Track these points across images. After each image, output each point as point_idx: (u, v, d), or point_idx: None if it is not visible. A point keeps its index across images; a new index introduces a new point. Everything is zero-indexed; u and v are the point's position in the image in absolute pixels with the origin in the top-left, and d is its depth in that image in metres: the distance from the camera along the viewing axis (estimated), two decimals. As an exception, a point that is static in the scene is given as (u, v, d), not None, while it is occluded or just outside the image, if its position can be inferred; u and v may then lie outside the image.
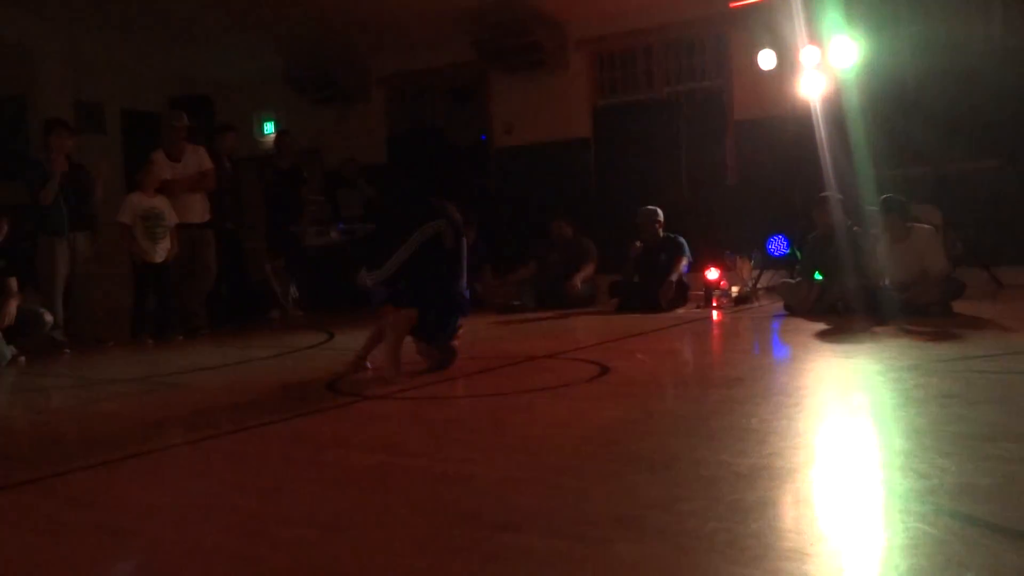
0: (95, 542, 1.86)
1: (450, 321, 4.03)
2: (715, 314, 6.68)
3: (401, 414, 3.31)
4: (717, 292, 7.18)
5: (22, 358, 5.50)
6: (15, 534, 1.95)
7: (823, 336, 4.95)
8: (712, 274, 7.24)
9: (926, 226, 5.97)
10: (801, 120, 7.65)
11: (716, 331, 5.84)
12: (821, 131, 7.36)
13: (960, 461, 2.08)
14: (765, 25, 7.90)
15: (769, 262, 7.82)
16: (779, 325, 5.69)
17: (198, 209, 7.05)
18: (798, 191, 7.60)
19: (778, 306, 6.52)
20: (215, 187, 7.20)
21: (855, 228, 6.15)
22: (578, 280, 7.83)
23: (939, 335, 4.62)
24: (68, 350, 6.01)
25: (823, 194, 6.44)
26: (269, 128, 11.54)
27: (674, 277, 7.07)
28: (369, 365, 4.15)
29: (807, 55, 7.54)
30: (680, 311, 6.92)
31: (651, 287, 7.06)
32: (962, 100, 7.38)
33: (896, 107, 7.49)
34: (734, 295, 7.24)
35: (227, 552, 1.74)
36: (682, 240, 7.31)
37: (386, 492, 2.14)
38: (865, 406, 2.96)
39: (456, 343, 4.09)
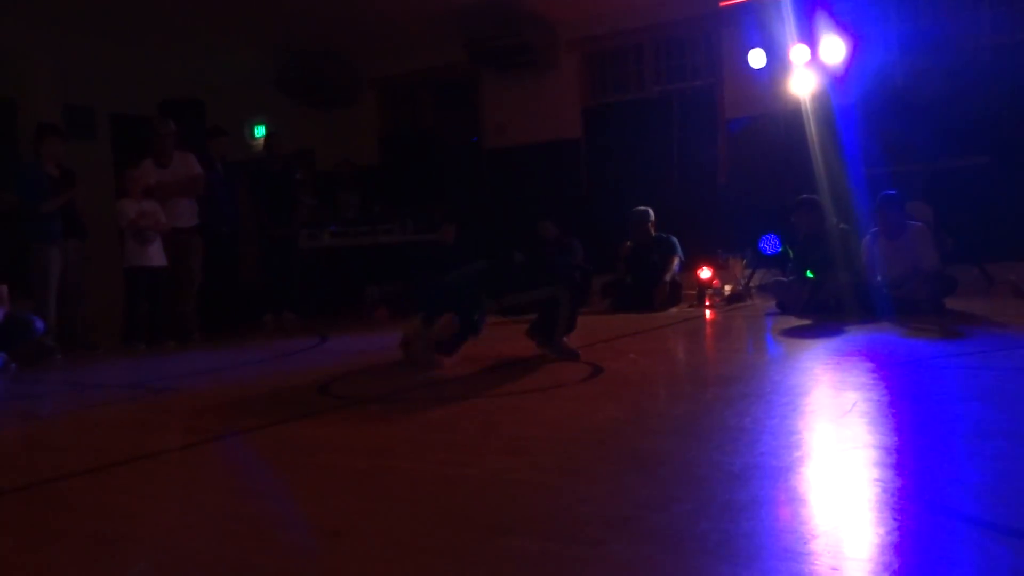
0: (89, 550, 1.85)
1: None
2: (708, 313, 6.69)
3: (393, 416, 3.31)
4: (710, 291, 7.20)
5: (13, 365, 5.47)
6: (7, 542, 1.94)
7: (816, 334, 4.96)
8: (705, 273, 7.26)
9: (919, 223, 5.99)
10: (792, 118, 7.67)
11: (709, 330, 5.85)
12: (812, 129, 7.38)
13: (953, 458, 2.09)
14: (755, 23, 7.92)
15: (761, 260, 7.83)
16: (772, 324, 5.70)
17: (185, 214, 7.03)
18: (790, 189, 7.61)
19: (771, 305, 6.54)
20: (204, 193, 7.18)
21: (842, 226, 6.17)
22: None
23: (931, 332, 4.64)
24: (60, 356, 5.99)
25: (800, 198, 6.45)
26: (260, 131, 11.51)
27: (668, 277, 7.08)
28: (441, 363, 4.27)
29: (797, 53, 7.56)
30: (673, 310, 6.93)
31: (644, 287, 7.07)
32: (952, 97, 7.40)
33: (886, 104, 7.51)
34: (727, 294, 7.26)
35: (225, 560, 1.74)
36: (674, 240, 7.33)
37: (380, 496, 2.13)
38: (858, 404, 2.97)
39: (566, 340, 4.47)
